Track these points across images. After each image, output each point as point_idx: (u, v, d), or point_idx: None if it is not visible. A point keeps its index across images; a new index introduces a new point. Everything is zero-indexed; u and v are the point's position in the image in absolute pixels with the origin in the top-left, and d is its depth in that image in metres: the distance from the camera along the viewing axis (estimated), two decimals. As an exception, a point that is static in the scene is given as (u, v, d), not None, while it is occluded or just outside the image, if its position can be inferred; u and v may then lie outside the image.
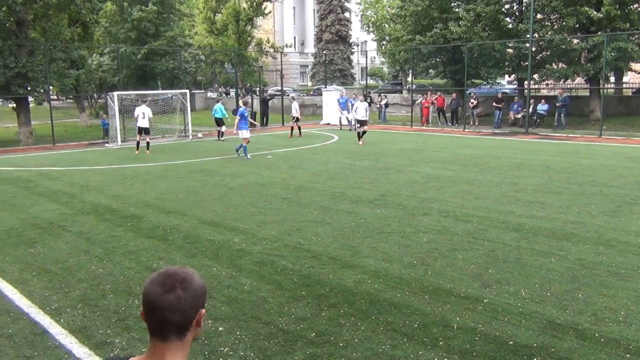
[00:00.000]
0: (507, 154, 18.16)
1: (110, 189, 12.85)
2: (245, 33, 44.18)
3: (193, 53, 41.09)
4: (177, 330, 1.67)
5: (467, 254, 7.52)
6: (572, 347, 4.89)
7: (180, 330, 1.67)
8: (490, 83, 34.02)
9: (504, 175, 13.74)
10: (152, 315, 1.66)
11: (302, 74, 72.23)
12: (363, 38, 63.96)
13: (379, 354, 4.84)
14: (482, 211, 9.97)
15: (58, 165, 17.31)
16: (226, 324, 5.47)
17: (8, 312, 5.88)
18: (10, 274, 7.10)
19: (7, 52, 23.17)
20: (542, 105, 28.06)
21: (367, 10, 47.48)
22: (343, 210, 10.25)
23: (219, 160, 17.83)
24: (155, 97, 27.34)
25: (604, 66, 25.01)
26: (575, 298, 5.97)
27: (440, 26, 30.62)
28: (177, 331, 1.67)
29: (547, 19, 28.88)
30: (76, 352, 4.99)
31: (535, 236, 8.31)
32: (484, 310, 5.69)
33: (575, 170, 14.43)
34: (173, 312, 1.64)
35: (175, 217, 9.91)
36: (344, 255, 7.57)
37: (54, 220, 9.87)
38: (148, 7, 34.15)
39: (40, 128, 28.48)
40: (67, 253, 7.93)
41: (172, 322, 1.65)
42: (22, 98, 25.28)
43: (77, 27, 28.64)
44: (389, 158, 17.39)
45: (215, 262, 7.39)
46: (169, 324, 1.65)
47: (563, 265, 7.01)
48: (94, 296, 6.27)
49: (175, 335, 1.67)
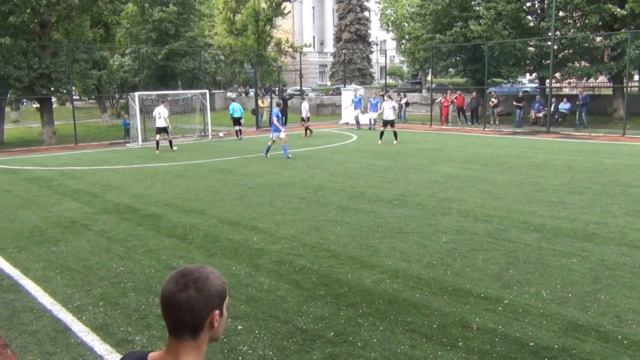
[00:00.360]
0: (528, 153, 17.96)
1: (131, 188, 12.99)
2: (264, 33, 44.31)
3: (213, 53, 41.34)
4: (190, 329, 1.66)
5: (487, 254, 7.46)
6: (595, 349, 4.82)
7: (193, 329, 1.67)
8: (511, 82, 33.63)
9: (525, 175, 13.59)
10: (165, 313, 1.67)
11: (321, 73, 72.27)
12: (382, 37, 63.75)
13: (397, 354, 4.82)
14: (503, 211, 9.88)
15: (80, 164, 17.55)
16: (245, 322, 5.50)
17: (32, 309, 5.98)
18: (34, 271, 7.22)
19: (31, 53, 23.54)
20: (564, 104, 27.68)
21: (386, 9, 47.31)
22: (362, 209, 10.24)
23: (238, 159, 17.92)
24: (176, 97, 27.57)
25: (628, 64, 24.59)
26: (598, 299, 5.88)
27: (460, 25, 30.36)
28: (190, 330, 1.67)
29: (569, 16, 28.49)
30: (97, 349, 5.06)
31: (556, 237, 8.21)
32: (504, 311, 5.64)
33: (598, 170, 14.22)
34: (183, 312, 1.63)
35: (195, 216, 9.98)
36: (362, 255, 7.56)
37: (77, 219, 10.01)
38: (169, 8, 34.46)
39: (63, 128, 28.88)
40: (89, 251, 8.04)
41: (183, 322, 1.65)
42: (45, 99, 25.66)
43: (99, 29, 28.98)
44: (408, 157, 17.31)
45: (235, 261, 7.43)
46: (180, 323, 1.65)
47: (585, 266, 6.92)
48: (115, 294, 6.35)
49: (188, 334, 1.67)
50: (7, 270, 7.29)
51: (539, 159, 16.40)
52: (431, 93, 33.76)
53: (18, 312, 5.92)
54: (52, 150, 22.37)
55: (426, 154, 18.25)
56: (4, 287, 6.68)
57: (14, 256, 7.89)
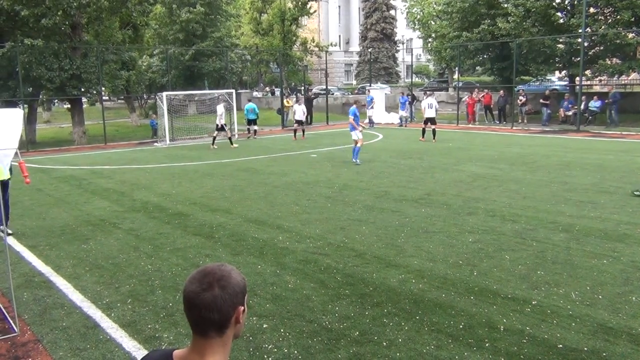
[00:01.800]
0: (557, 152, 17.66)
1: (159, 187, 13.17)
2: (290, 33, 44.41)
3: (239, 53, 41.64)
4: (216, 327, 1.68)
5: (514, 255, 7.36)
6: (626, 352, 4.72)
7: (219, 327, 1.68)
8: (540, 80, 33.08)
9: (554, 174, 13.37)
10: (190, 312, 1.68)
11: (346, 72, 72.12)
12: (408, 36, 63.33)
13: (423, 354, 4.80)
14: (531, 211, 9.74)
15: (109, 164, 17.85)
16: (270, 321, 5.52)
17: (62, 306, 6.11)
18: (65, 269, 7.37)
19: (62, 54, 24.03)
20: (595, 102, 27.12)
21: (412, 7, 46.97)
22: (387, 209, 10.19)
23: (264, 159, 18.01)
24: (202, 97, 27.83)
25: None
26: (629, 301, 5.76)
27: (487, 22, 29.99)
28: (216, 328, 1.68)
29: (600, 12, 27.92)
30: (126, 345, 5.14)
31: (586, 237, 8.06)
32: (532, 312, 5.56)
33: (630, 169, 13.91)
34: (210, 311, 1.65)
35: (221, 215, 10.07)
36: (388, 255, 7.53)
37: (106, 218, 10.18)
38: (196, 9, 34.81)
39: (92, 128, 29.41)
40: (118, 249, 8.17)
41: (210, 320, 1.66)
42: (76, 99, 26.16)
43: (128, 30, 29.43)
44: (434, 156, 17.18)
45: (260, 260, 7.47)
46: (207, 322, 1.67)
47: (616, 267, 6.78)
48: (143, 292, 6.44)
49: (214, 332, 1.68)
50: (39, 268, 7.46)
51: (568, 158, 16.11)
52: (457, 92, 33.43)
53: (49, 308, 6.05)
54: (83, 150, 22.79)
55: (452, 152, 18.09)
56: (36, 284, 6.84)
57: (46, 254, 8.07)
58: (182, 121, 27.58)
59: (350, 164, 15.94)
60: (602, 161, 15.40)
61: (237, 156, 18.80)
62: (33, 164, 17.75)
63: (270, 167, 15.97)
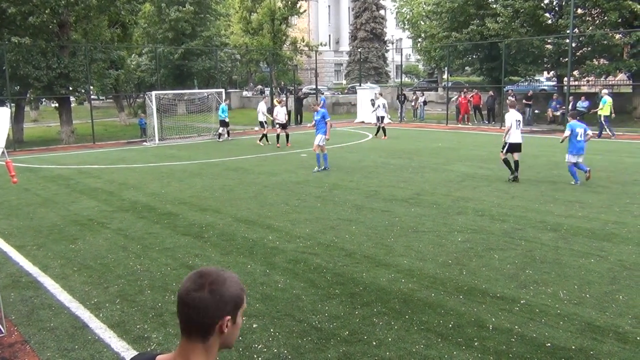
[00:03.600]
0: (545, 152, 17.78)
1: (147, 186, 13.10)
2: (280, 32, 44.34)
3: (229, 52, 41.49)
4: (200, 331, 1.66)
5: (503, 254, 7.41)
6: (613, 350, 4.77)
7: (204, 332, 1.66)
8: (529, 80, 33.28)
9: (542, 174, 13.47)
10: (179, 311, 1.68)
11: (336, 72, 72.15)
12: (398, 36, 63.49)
13: (412, 353, 4.81)
14: (519, 210, 9.80)
15: (98, 163, 17.73)
16: (260, 321, 5.52)
17: (50, 306, 6.06)
18: (52, 269, 7.31)
19: (50, 53, 23.83)
20: (582, 102, 27.31)
21: (402, 7, 47.08)
22: (377, 208, 10.21)
23: (253, 158, 17.97)
24: (192, 96, 27.71)
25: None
26: (616, 300, 5.81)
27: (477, 22, 30.14)
28: (200, 333, 1.66)
29: (588, 13, 28.13)
30: (114, 346, 5.11)
31: (574, 236, 8.13)
32: (520, 311, 5.59)
33: (617, 169, 14.04)
34: (196, 312, 1.63)
35: (211, 215, 10.04)
36: (377, 254, 7.55)
37: (94, 217, 10.11)
38: (185, 8, 34.65)
39: (81, 127, 29.17)
40: (106, 249, 8.12)
41: (194, 322, 1.65)
42: (64, 98, 25.96)
43: (116, 28, 29.25)
44: (423, 156, 17.23)
45: (250, 260, 7.46)
46: (192, 323, 1.65)
47: (603, 266, 6.84)
48: (131, 292, 6.41)
49: (198, 336, 1.66)
50: (26, 268, 7.39)
51: (557, 158, 16.20)
52: (447, 92, 33.55)
53: (37, 308, 6.00)
54: (71, 149, 22.62)
55: (442, 152, 18.15)
56: (23, 284, 6.77)
57: (33, 254, 8.00)
58: (172, 120, 27.46)
59: (338, 164, 15.95)
60: (590, 161, 15.47)
61: (227, 156, 18.75)
62: (20, 164, 17.58)
63: (260, 166, 15.95)
